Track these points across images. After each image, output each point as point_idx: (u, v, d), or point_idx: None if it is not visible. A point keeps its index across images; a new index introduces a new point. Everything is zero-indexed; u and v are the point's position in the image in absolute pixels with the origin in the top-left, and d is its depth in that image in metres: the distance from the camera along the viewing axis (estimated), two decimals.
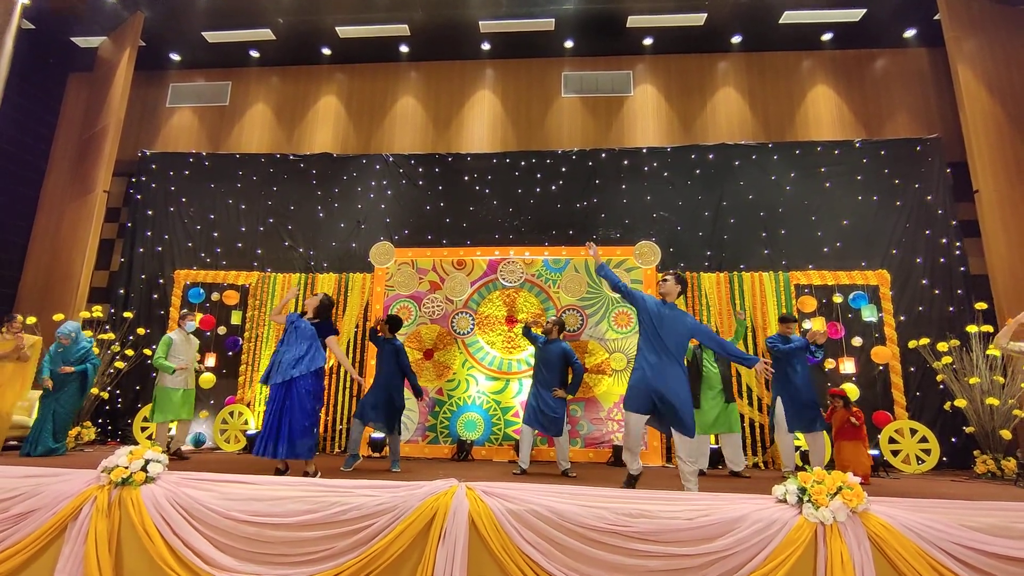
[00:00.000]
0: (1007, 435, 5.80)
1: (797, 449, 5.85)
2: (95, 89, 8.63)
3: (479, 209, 7.91)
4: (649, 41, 8.27)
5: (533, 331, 5.73)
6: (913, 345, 6.57)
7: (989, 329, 6.24)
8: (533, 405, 5.41)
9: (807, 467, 2.79)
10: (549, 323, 5.62)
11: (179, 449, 6.14)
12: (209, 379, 7.12)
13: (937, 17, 7.45)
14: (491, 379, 7.05)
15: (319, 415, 4.59)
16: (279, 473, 4.39)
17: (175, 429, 6.29)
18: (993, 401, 5.88)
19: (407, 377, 5.54)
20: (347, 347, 7.31)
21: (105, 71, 8.43)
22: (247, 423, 7.15)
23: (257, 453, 4.26)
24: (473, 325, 7.22)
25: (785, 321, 5.62)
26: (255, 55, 8.78)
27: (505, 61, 8.70)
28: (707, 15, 7.73)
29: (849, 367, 6.71)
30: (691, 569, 2.58)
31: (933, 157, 7.39)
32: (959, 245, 7.10)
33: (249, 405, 7.32)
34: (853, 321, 6.92)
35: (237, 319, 7.61)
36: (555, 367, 5.43)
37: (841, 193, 7.46)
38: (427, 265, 7.48)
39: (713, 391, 5.63)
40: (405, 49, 8.59)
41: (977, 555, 2.50)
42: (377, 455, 6.69)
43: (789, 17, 7.71)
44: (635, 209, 7.68)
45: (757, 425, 6.68)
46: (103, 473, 3.00)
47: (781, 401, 5.39)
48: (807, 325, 6.80)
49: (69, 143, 8.80)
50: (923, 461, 6.22)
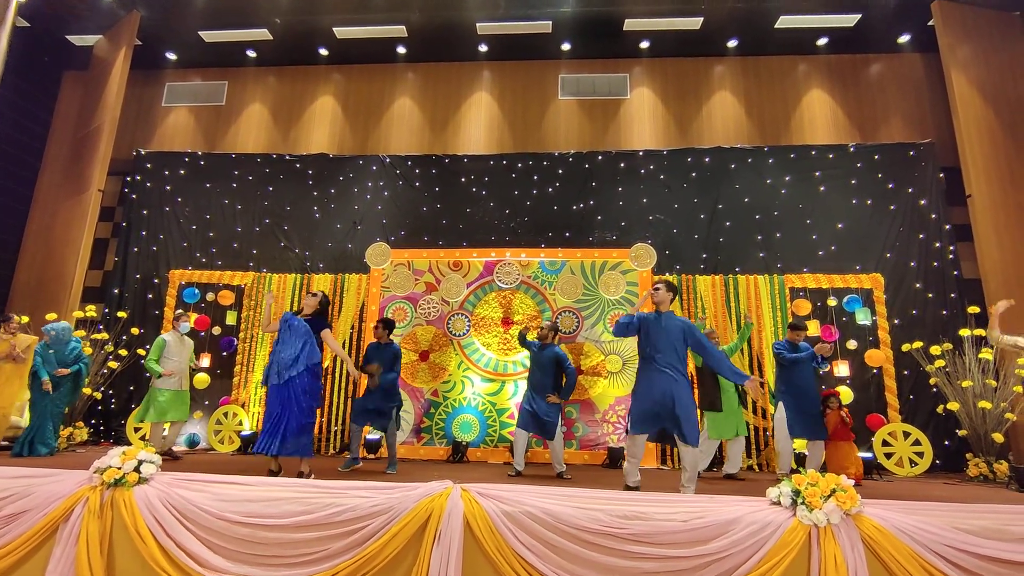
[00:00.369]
0: (999, 438, 5.84)
1: (794, 452, 5.88)
2: (90, 88, 8.59)
3: (476, 211, 7.91)
4: (646, 44, 8.30)
5: (528, 337, 5.74)
6: (906, 348, 6.62)
7: (981, 333, 6.28)
8: (527, 409, 5.43)
9: (801, 470, 2.81)
10: (544, 328, 5.62)
11: (170, 449, 6.11)
12: (203, 379, 7.09)
13: (931, 23, 7.51)
14: (487, 381, 7.05)
15: (315, 414, 4.60)
16: (272, 474, 4.37)
17: (167, 430, 6.25)
18: (985, 404, 5.92)
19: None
20: (342, 347, 7.29)
21: (100, 70, 8.39)
22: (241, 424, 7.12)
23: (256, 451, 4.35)
24: (469, 327, 7.22)
25: (795, 328, 5.53)
26: (252, 55, 8.76)
27: (502, 63, 8.72)
28: (704, 19, 7.77)
29: (843, 370, 6.73)
30: (685, 571, 2.59)
31: (927, 162, 7.45)
32: (952, 249, 7.15)
33: (244, 406, 7.28)
34: (847, 324, 6.95)
35: (232, 319, 7.58)
36: (549, 372, 5.45)
37: (836, 197, 7.50)
38: (423, 266, 7.47)
39: (729, 394, 5.63)
40: (402, 50, 8.59)
41: (969, 557, 2.52)
42: (372, 456, 6.67)
43: (785, 22, 7.76)
44: (631, 211, 7.70)
45: (752, 427, 6.70)
46: (95, 474, 2.98)
47: (784, 405, 5.39)
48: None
49: (64, 141, 8.75)
50: (916, 464, 6.25)
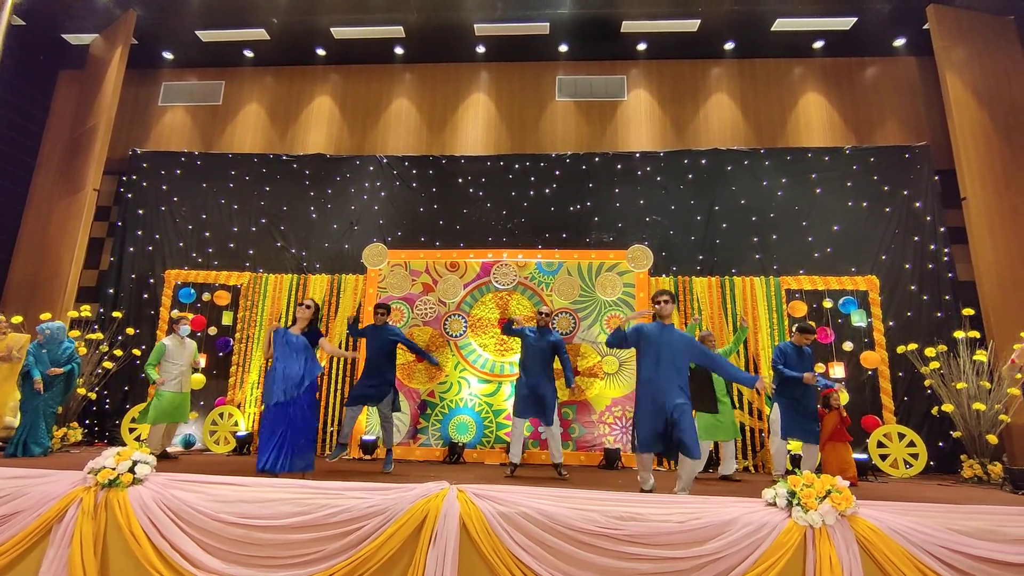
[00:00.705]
0: (993, 440, 5.87)
1: (789, 454, 5.89)
2: (86, 87, 8.55)
3: (473, 211, 7.91)
4: (643, 46, 8.32)
5: (515, 326, 5.65)
6: (901, 350, 6.64)
7: (976, 335, 6.33)
8: (524, 395, 5.40)
9: (797, 471, 2.82)
10: (543, 314, 5.62)
11: (165, 450, 6.08)
12: (199, 380, 7.06)
13: (926, 27, 7.56)
14: (483, 382, 7.04)
15: (317, 427, 4.64)
16: (269, 475, 4.35)
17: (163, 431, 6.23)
18: (980, 406, 5.94)
19: (416, 352, 5.70)
20: (338, 347, 7.28)
21: (96, 69, 8.36)
22: (237, 425, 7.10)
23: (261, 468, 4.20)
24: (466, 327, 7.21)
25: (804, 332, 5.38)
26: (249, 55, 8.74)
27: (500, 64, 8.72)
28: (701, 21, 7.79)
29: (838, 372, 6.76)
30: (681, 572, 2.59)
31: (922, 164, 7.49)
32: (947, 252, 7.19)
33: (239, 407, 7.26)
34: (843, 326, 6.98)
35: (228, 320, 7.56)
36: (549, 357, 5.49)
37: (831, 199, 7.53)
38: (420, 267, 7.46)
39: (722, 395, 5.63)
40: (400, 51, 8.59)
41: (963, 558, 2.53)
42: (368, 457, 6.66)
43: (781, 25, 7.79)
44: (628, 213, 7.71)
45: (747, 429, 6.72)
46: (89, 474, 2.97)
47: (779, 406, 5.38)
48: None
49: (59, 141, 8.71)
50: (911, 465, 6.28)
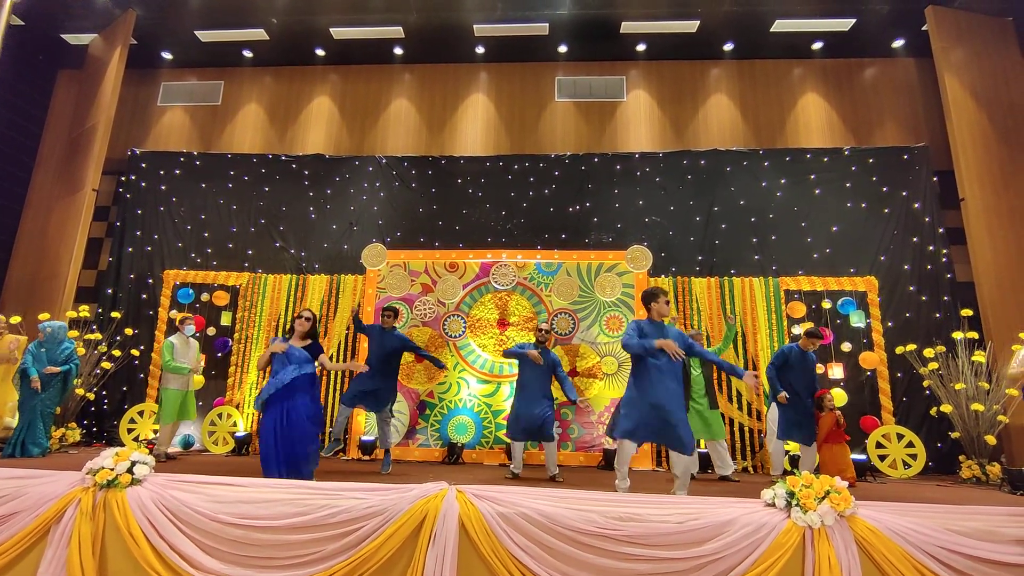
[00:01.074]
0: (992, 440, 5.87)
1: (787, 454, 5.90)
2: (85, 87, 8.54)
3: (472, 212, 7.91)
4: (642, 47, 8.33)
5: (528, 356, 5.41)
6: (900, 351, 6.65)
7: (974, 336, 6.33)
8: (526, 423, 5.27)
9: (796, 471, 2.82)
10: (543, 331, 5.56)
11: (166, 451, 6.07)
12: (198, 380, 7.04)
13: (925, 28, 7.57)
14: (482, 382, 7.04)
15: (319, 438, 4.65)
16: None
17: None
18: (978, 407, 5.95)
19: (425, 357, 5.72)
20: (338, 348, 7.29)
21: (95, 69, 8.35)
22: (236, 425, 7.09)
23: (267, 475, 4.17)
24: (465, 328, 7.21)
25: (812, 336, 5.40)
26: (248, 55, 8.74)
27: (499, 65, 8.73)
28: (700, 22, 7.80)
29: (837, 372, 6.76)
30: (680, 573, 2.59)
31: (920, 165, 7.50)
32: (945, 252, 7.20)
33: (238, 407, 7.25)
34: (842, 327, 6.98)
35: (227, 320, 7.55)
36: (548, 376, 5.45)
37: (830, 200, 7.54)
38: (419, 267, 7.46)
39: (698, 397, 5.62)
40: (399, 51, 8.59)
41: (962, 559, 2.53)
42: (367, 458, 6.65)
43: (780, 26, 7.80)
44: (627, 213, 7.71)
45: (747, 429, 6.72)
46: (88, 475, 2.96)
47: (777, 407, 5.38)
48: (796, 331, 6.84)
49: (58, 140, 8.70)
50: (909, 466, 6.28)
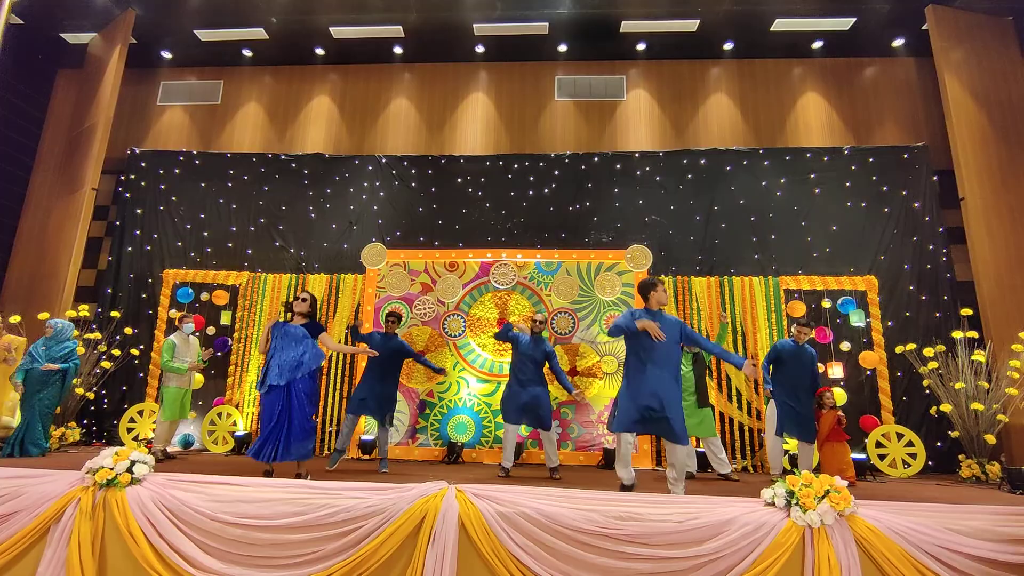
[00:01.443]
0: (991, 440, 5.87)
1: (786, 453, 5.89)
2: (84, 86, 8.53)
3: (472, 211, 7.91)
4: (642, 46, 8.32)
5: (512, 331, 5.59)
6: (900, 350, 6.65)
7: (974, 335, 6.33)
8: (522, 402, 5.38)
9: (795, 470, 2.82)
10: (537, 322, 5.62)
11: (164, 448, 6.08)
12: (198, 380, 7.04)
13: (925, 27, 7.57)
14: (482, 381, 7.04)
15: (314, 416, 4.59)
16: (267, 475, 4.35)
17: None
18: (978, 406, 5.95)
19: (424, 364, 5.75)
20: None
21: (95, 68, 8.34)
22: (235, 424, 7.09)
23: (259, 458, 4.17)
24: (465, 327, 7.21)
25: (800, 325, 5.48)
26: (248, 54, 8.73)
27: (499, 64, 8.72)
28: (700, 21, 7.79)
29: (837, 372, 6.76)
30: (680, 572, 2.59)
31: (920, 165, 7.50)
32: (945, 252, 7.20)
33: (238, 406, 7.25)
34: (841, 326, 6.98)
35: (227, 319, 7.54)
36: (541, 364, 5.52)
37: (830, 199, 7.54)
38: (419, 267, 7.46)
39: (687, 395, 5.57)
40: (399, 50, 8.58)
41: (961, 558, 2.53)
42: (367, 457, 6.65)
43: (780, 25, 7.80)
44: (627, 213, 7.71)
45: (746, 428, 6.72)
46: (87, 474, 2.96)
47: (775, 405, 5.40)
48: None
49: (57, 140, 8.69)
50: (909, 465, 6.28)
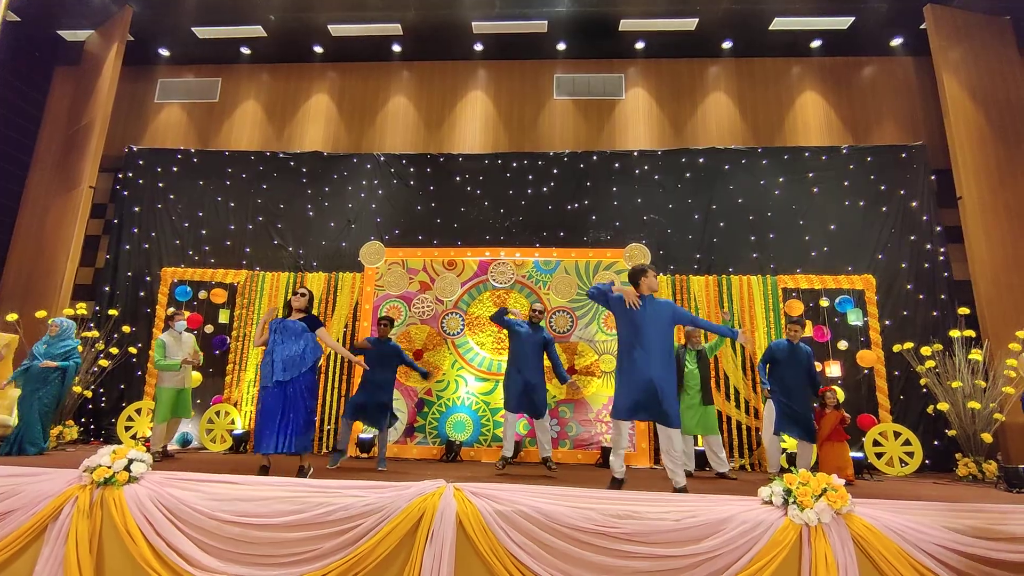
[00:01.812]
0: (988, 438, 5.89)
1: (784, 452, 5.91)
2: (81, 83, 8.50)
3: (470, 210, 7.90)
4: (641, 45, 8.32)
5: (508, 316, 5.59)
6: (897, 349, 6.66)
7: (971, 334, 6.35)
8: (519, 390, 5.39)
9: (793, 469, 2.82)
10: (536, 311, 5.64)
11: (164, 447, 6.07)
12: (196, 378, 7.03)
13: (923, 26, 7.57)
14: (480, 380, 7.04)
15: (315, 408, 4.61)
16: (264, 471, 4.34)
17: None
18: (975, 405, 5.97)
19: (412, 368, 5.76)
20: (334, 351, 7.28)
21: (92, 65, 8.31)
22: (233, 423, 7.08)
23: (263, 451, 4.19)
24: (463, 326, 7.21)
25: (792, 323, 5.52)
26: (246, 52, 8.71)
27: (497, 62, 8.71)
28: (698, 20, 7.79)
29: (835, 370, 6.78)
30: (678, 570, 2.60)
31: (918, 164, 7.51)
32: (943, 251, 7.21)
33: (236, 405, 7.24)
34: (839, 325, 7.00)
35: (225, 318, 7.53)
36: (540, 353, 5.53)
37: (828, 198, 7.55)
38: (417, 265, 7.45)
39: (692, 392, 5.63)
40: (398, 48, 8.56)
41: (958, 556, 2.54)
42: (365, 455, 6.65)
43: (779, 24, 7.80)
44: (626, 211, 7.71)
45: (744, 427, 6.73)
46: (85, 473, 2.96)
47: (774, 404, 5.40)
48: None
49: (54, 138, 8.66)
50: (906, 464, 6.30)
